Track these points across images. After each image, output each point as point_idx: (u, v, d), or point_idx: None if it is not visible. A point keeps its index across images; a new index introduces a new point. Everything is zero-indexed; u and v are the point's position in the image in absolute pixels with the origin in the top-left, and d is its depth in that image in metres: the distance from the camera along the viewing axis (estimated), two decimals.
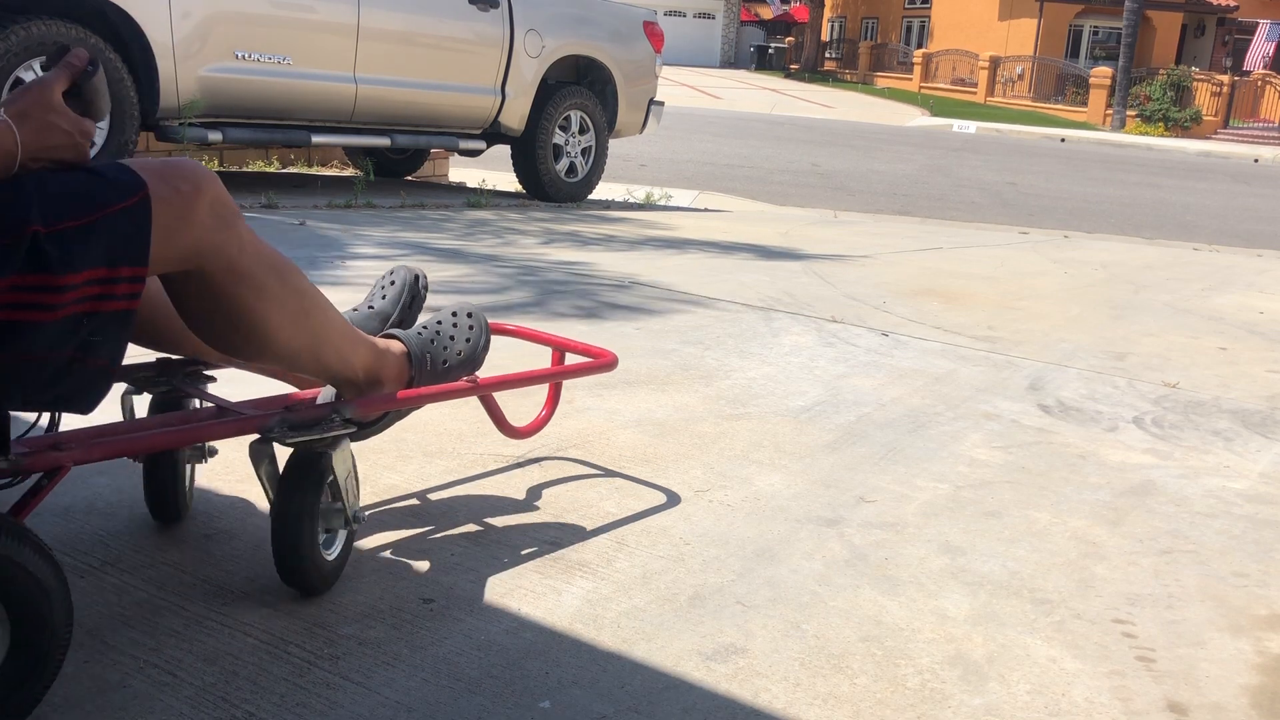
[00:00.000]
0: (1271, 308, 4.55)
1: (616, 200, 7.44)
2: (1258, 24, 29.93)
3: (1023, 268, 5.20)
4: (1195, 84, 25.43)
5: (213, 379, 1.68)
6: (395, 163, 7.39)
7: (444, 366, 1.67)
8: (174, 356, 1.61)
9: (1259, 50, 29.17)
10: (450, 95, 6.09)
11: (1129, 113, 25.12)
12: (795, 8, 40.76)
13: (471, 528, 1.79)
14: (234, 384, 1.86)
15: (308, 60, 5.41)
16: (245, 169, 6.94)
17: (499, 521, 1.83)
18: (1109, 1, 28.94)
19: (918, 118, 24.70)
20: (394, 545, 1.70)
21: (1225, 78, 25.68)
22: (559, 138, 6.69)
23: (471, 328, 1.71)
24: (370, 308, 1.79)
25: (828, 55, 38.78)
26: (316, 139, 5.69)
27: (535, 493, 1.97)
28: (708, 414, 2.50)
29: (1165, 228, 8.40)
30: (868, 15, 37.97)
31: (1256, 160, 19.60)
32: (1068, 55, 31.24)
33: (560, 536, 1.79)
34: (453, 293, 3.58)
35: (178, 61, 4.94)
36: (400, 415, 1.72)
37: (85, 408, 1.23)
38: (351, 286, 3.55)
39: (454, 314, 1.72)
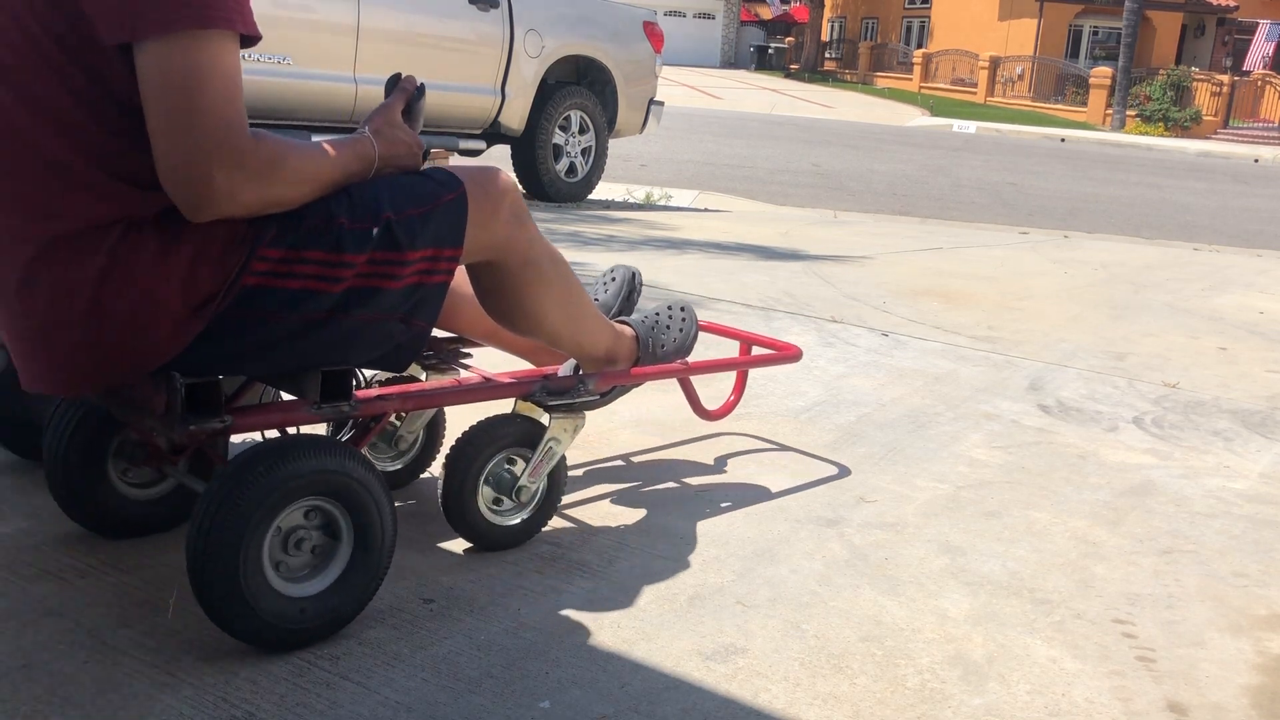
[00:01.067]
0: (1271, 308, 4.55)
1: (616, 200, 7.44)
2: (1258, 24, 29.93)
3: (1023, 268, 5.20)
4: (1195, 84, 25.43)
5: (470, 355, 1.92)
6: None
7: (662, 350, 1.95)
8: (441, 334, 1.89)
9: (1259, 50, 29.18)
10: (450, 95, 6.09)
11: (1129, 113, 25.12)
12: (795, 8, 40.77)
13: None
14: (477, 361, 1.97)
15: (308, 60, 5.40)
16: None
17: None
18: (1109, 1, 28.95)
19: (918, 118, 24.71)
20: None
21: (1225, 78, 25.69)
22: (559, 138, 6.69)
23: (684, 320, 1.99)
24: (595, 300, 2.01)
25: (828, 55, 38.79)
26: (316, 139, 5.68)
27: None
28: None
29: (1165, 228, 8.40)
30: (868, 15, 37.98)
31: (1256, 160, 19.61)
32: (1068, 55, 31.24)
33: (560, 536, 1.79)
34: None
35: None
36: (624, 390, 1.98)
37: (400, 365, 1.53)
38: None
39: (669, 307, 2.01)
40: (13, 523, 1.68)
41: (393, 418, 1.84)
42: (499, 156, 7.30)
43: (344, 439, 1.65)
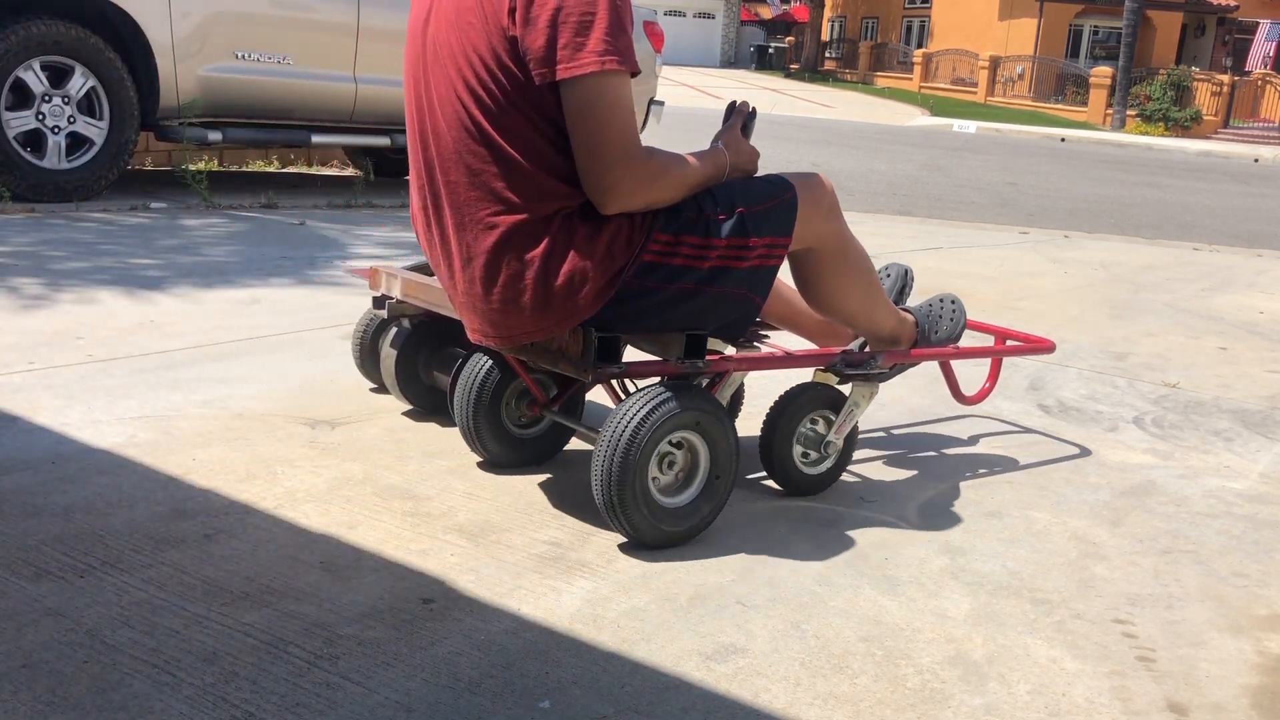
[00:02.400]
0: (1271, 308, 4.55)
1: None
2: (1258, 24, 29.92)
3: (1023, 268, 5.20)
4: (1195, 84, 25.42)
5: (768, 336, 2.23)
6: (395, 163, 7.38)
7: (936, 336, 2.26)
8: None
9: (1259, 50, 29.17)
10: None
11: (1129, 112, 25.11)
12: (795, 8, 40.75)
13: (471, 528, 1.79)
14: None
15: (308, 60, 5.40)
16: (245, 169, 6.94)
17: (499, 521, 1.82)
18: (1109, 1, 28.93)
19: (918, 117, 24.70)
20: (394, 545, 1.70)
21: (1225, 78, 25.68)
22: None
23: (954, 311, 2.29)
24: None
25: (828, 55, 38.77)
26: (316, 139, 5.68)
27: (535, 493, 1.97)
28: None
29: (1165, 228, 8.40)
30: (868, 15, 37.97)
31: (1256, 160, 19.60)
32: (1068, 55, 31.23)
33: (560, 536, 1.78)
34: None
35: (177, 61, 4.93)
36: (902, 369, 2.26)
37: (735, 336, 1.94)
38: (351, 287, 3.55)
39: (941, 300, 2.31)
40: (13, 522, 1.68)
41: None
42: None
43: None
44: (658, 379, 1.82)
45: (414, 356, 2.28)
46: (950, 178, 11.56)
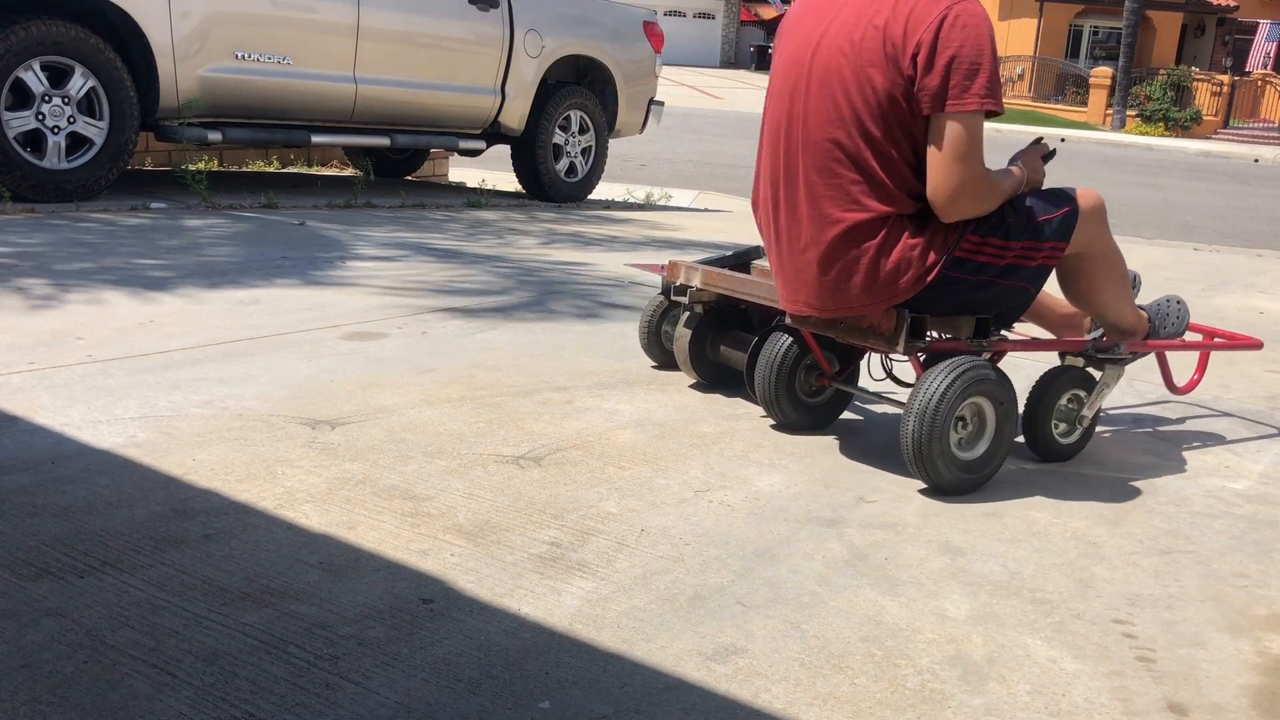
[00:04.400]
0: (1271, 308, 4.54)
1: (616, 200, 7.44)
2: (1258, 24, 29.91)
3: None
4: (1195, 84, 25.41)
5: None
6: (395, 163, 7.38)
7: (1165, 331, 2.59)
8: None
9: (1259, 50, 29.15)
10: (450, 95, 6.08)
11: (1129, 113, 25.10)
12: None
13: (471, 528, 1.79)
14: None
15: (308, 60, 5.40)
16: (245, 169, 6.94)
17: (499, 521, 1.82)
18: (1109, 1, 28.91)
19: None
20: (394, 545, 1.70)
21: (1225, 78, 25.67)
22: (559, 138, 6.69)
23: (1180, 311, 2.63)
24: None
25: None
26: (316, 139, 5.68)
27: (535, 493, 1.97)
28: (708, 414, 2.50)
29: (1165, 228, 8.39)
30: None
31: (1256, 160, 19.59)
32: (1068, 55, 31.21)
33: (560, 536, 1.78)
34: (453, 293, 3.58)
35: (177, 61, 4.93)
36: (1135, 357, 2.51)
37: (1010, 322, 2.31)
38: (351, 287, 3.55)
39: (1167, 300, 2.65)
40: (13, 522, 1.68)
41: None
42: (499, 156, 7.30)
43: None
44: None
45: (704, 337, 2.67)
46: None
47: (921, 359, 2.20)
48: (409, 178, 7.50)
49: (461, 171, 8.36)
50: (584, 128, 6.84)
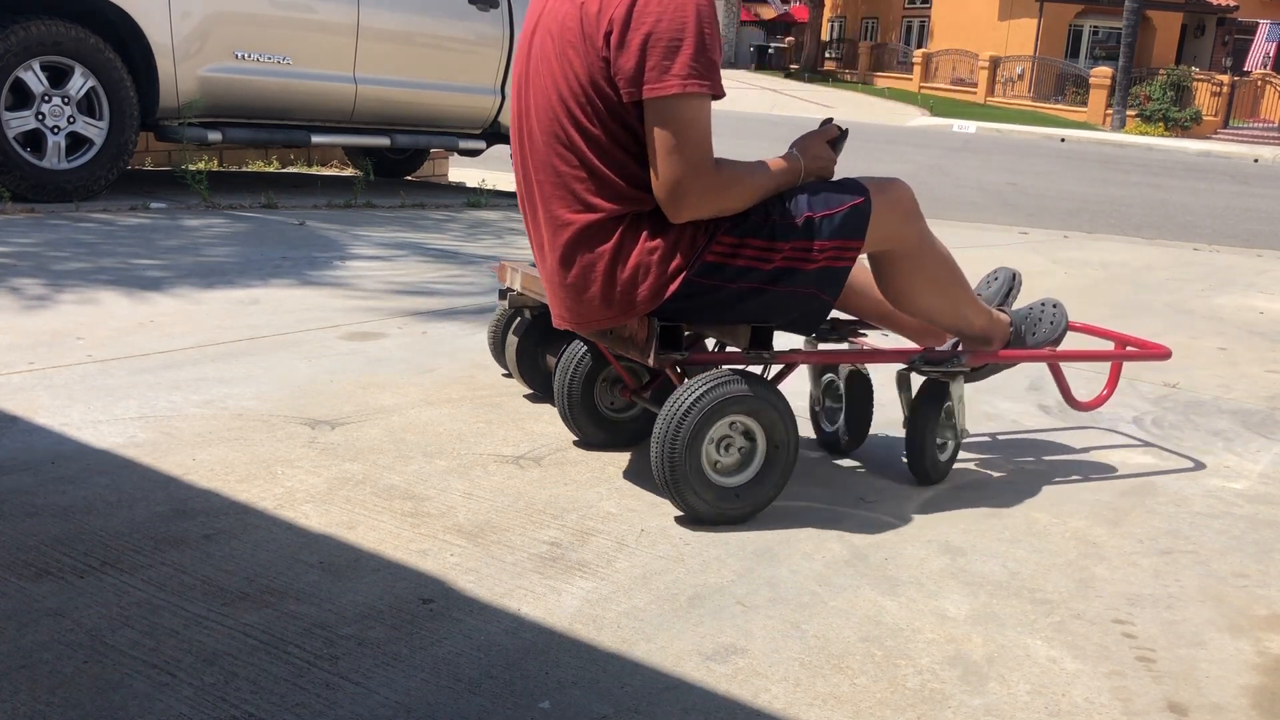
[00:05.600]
0: (1271, 308, 4.55)
1: None
2: (1258, 24, 29.92)
3: (1023, 268, 5.18)
4: (1195, 84, 25.41)
5: (865, 335, 2.29)
6: (395, 163, 7.38)
7: (1033, 339, 2.30)
8: (843, 317, 2.25)
9: (1259, 50, 29.16)
10: (450, 95, 6.08)
11: (1129, 113, 25.11)
12: (795, 8, 40.73)
13: (471, 528, 1.79)
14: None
15: (308, 60, 5.40)
16: (245, 169, 6.94)
17: (499, 521, 1.82)
18: (1109, 1, 28.92)
19: (917, 118, 24.69)
20: (394, 545, 1.70)
21: (1225, 78, 25.67)
22: None
23: (1055, 315, 2.33)
24: (979, 294, 2.33)
25: (828, 55, 38.76)
26: (316, 139, 5.68)
27: (535, 493, 1.97)
28: None
29: (1165, 228, 8.40)
30: (868, 15, 37.96)
31: (1256, 160, 19.60)
32: (1068, 55, 31.22)
33: (560, 536, 1.78)
34: (453, 293, 3.58)
35: (177, 61, 4.93)
36: (997, 369, 2.35)
37: (810, 330, 2.06)
38: (351, 287, 3.55)
39: (1043, 304, 2.35)
40: (13, 522, 1.68)
41: (840, 379, 2.33)
42: (499, 156, 7.30)
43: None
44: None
45: (533, 344, 2.44)
46: (950, 178, 11.55)
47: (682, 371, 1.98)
48: (409, 178, 7.50)
49: (461, 171, 8.36)
50: None
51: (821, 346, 2.23)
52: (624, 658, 1.43)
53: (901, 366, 2.20)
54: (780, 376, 2.08)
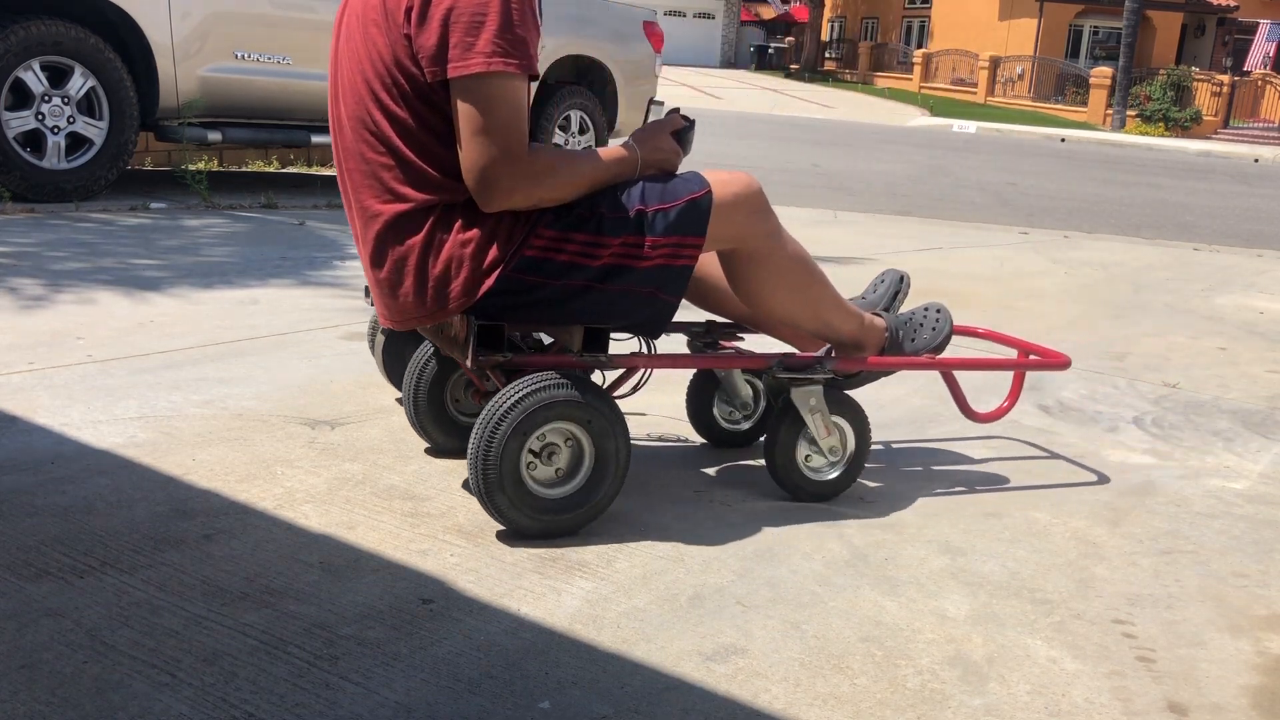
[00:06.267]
0: (1271, 308, 4.55)
1: None
2: (1258, 24, 29.92)
3: (1023, 268, 5.20)
4: (1195, 84, 25.41)
5: (742, 339, 2.21)
6: None
7: (911, 345, 2.15)
8: (720, 319, 2.20)
9: (1259, 50, 29.17)
10: None
11: (1129, 113, 25.10)
12: (795, 8, 40.75)
13: (471, 528, 1.79)
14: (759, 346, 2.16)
15: (308, 60, 5.40)
16: (245, 169, 6.94)
17: (499, 521, 1.82)
18: (1109, 1, 28.93)
19: (918, 118, 24.70)
20: (394, 545, 1.70)
21: (1225, 78, 25.67)
22: (559, 138, 6.69)
23: (939, 321, 2.17)
24: (864, 298, 2.26)
25: (828, 55, 38.77)
26: (316, 139, 5.68)
27: None
28: None
29: (1165, 228, 8.40)
30: (868, 15, 37.96)
31: (1256, 160, 19.59)
32: (1068, 55, 31.22)
33: (560, 537, 1.78)
34: None
35: (177, 62, 4.94)
36: (875, 376, 2.21)
37: (654, 333, 1.90)
38: (350, 287, 3.55)
39: (926, 309, 2.19)
40: (13, 522, 1.68)
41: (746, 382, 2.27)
42: None
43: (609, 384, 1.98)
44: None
45: (399, 345, 2.30)
46: (950, 178, 11.56)
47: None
48: None
49: None
50: (584, 128, 6.84)
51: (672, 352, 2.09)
52: (624, 658, 1.43)
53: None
54: (618, 383, 1.97)
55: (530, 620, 1.50)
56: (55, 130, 4.65)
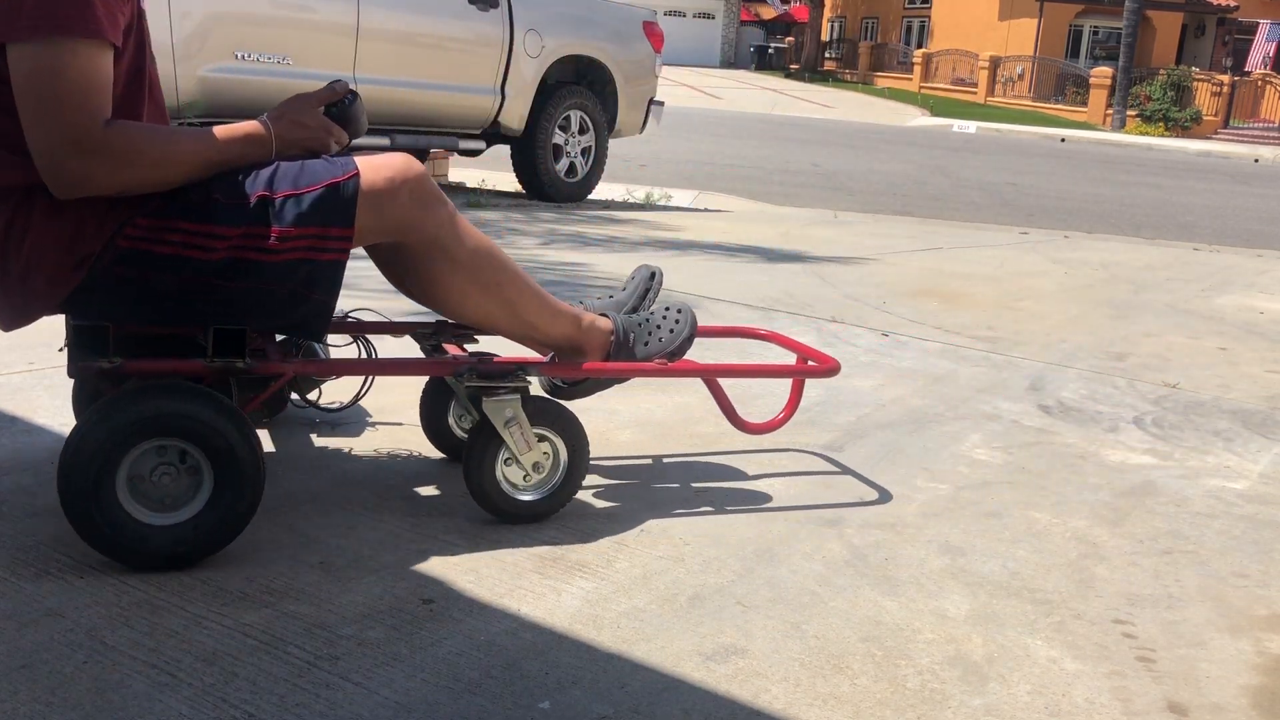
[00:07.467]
0: (1271, 308, 4.55)
1: (616, 200, 7.44)
2: (1258, 24, 29.93)
3: (1023, 268, 5.20)
4: (1195, 84, 25.43)
5: (477, 340, 1.96)
6: None
7: (643, 348, 1.90)
8: (450, 320, 1.91)
9: (1259, 50, 29.17)
10: (450, 95, 6.08)
11: (1129, 113, 25.12)
12: (795, 8, 40.76)
13: (471, 528, 1.79)
14: (497, 349, 1.94)
15: (308, 60, 5.40)
16: None
17: (499, 521, 1.82)
18: (1109, 1, 28.94)
19: (918, 118, 24.71)
20: (394, 545, 1.70)
21: (1225, 78, 25.68)
22: (559, 138, 6.69)
23: (678, 322, 1.91)
24: (610, 296, 2.05)
25: (828, 55, 38.77)
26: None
27: None
28: (707, 414, 2.50)
29: (1165, 228, 8.40)
30: (868, 15, 37.97)
31: (1256, 160, 19.60)
32: (1068, 55, 31.23)
33: (560, 536, 1.78)
34: None
35: (177, 62, 4.93)
36: (603, 384, 1.98)
37: (316, 335, 1.71)
38: (349, 287, 3.54)
39: (666, 308, 1.95)
40: (13, 522, 1.68)
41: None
42: (499, 156, 7.29)
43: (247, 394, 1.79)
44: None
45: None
46: (950, 178, 11.56)
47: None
48: None
49: (461, 171, 8.36)
50: (584, 128, 6.84)
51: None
52: (624, 658, 1.43)
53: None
54: (264, 390, 1.79)
55: (530, 620, 1.50)
56: None
